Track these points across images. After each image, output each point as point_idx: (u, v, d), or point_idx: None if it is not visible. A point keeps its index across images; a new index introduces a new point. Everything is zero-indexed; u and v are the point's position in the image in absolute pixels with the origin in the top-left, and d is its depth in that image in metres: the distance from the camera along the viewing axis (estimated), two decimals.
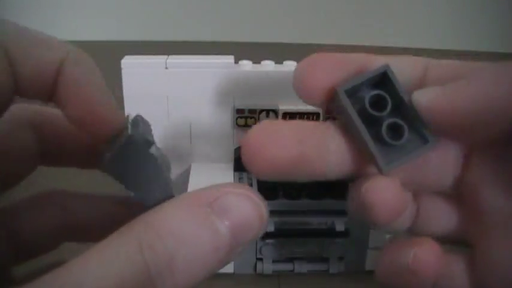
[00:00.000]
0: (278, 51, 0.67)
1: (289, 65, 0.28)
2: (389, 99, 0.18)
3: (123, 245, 0.14)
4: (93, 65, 0.17)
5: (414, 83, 0.19)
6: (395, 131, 0.18)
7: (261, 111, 0.29)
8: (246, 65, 0.28)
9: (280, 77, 0.28)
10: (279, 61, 0.29)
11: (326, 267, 0.32)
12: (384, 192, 0.18)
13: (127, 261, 0.13)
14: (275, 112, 0.29)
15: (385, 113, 0.18)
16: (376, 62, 0.19)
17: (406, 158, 0.18)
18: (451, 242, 0.20)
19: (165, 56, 0.28)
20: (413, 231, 0.21)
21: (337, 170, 0.18)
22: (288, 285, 0.31)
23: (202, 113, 0.29)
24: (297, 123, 0.18)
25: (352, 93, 0.18)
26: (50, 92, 0.17)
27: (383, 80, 0.19)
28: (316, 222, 0.30)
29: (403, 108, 0.18)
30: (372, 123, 0.18)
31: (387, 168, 0.18)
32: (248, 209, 0.15)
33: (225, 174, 0.30)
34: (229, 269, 0.31)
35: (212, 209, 0.15)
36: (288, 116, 0.29)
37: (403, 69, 0.19)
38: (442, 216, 0.20)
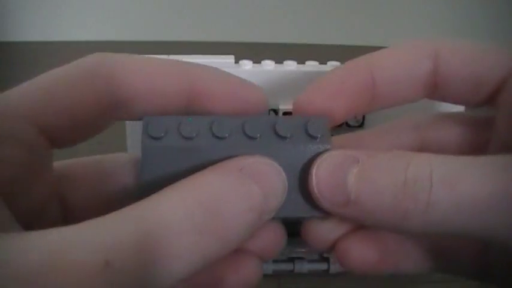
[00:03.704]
0: (278, 51, 0.67)
1: (289, 65, 0.28)
2: None
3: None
4: None
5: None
6: None
7: None
8: (246, 65, 0.28)
9: (280, 77, 0.28)
10: (279, 61, 0.29)
11: (326, 267, 0.32)
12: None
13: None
14: (275, 112, 0.29)
15: None
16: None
17: None
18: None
19: (165, 56, 0.28)
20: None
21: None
22: (288, 285, 0.32)
23: None
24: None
25: None
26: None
27: None
28: None
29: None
30: None
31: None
32: (275, 177, 0.16)
33: None
34: None
35: (243, 174, 0.15)
36: None
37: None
38: None
